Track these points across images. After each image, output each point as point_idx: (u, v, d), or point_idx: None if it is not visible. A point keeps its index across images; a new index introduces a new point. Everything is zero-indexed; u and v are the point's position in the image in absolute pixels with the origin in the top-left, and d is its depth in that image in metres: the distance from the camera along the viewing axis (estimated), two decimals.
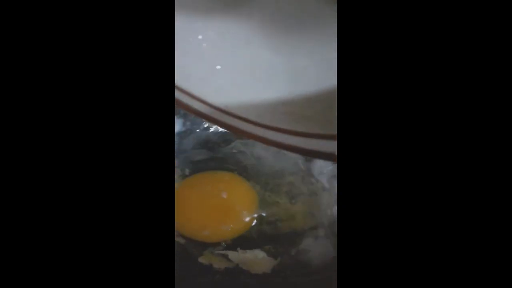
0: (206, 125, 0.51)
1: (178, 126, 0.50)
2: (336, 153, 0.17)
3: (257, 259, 0.40)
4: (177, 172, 0.47)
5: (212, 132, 0.51)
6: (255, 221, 0.44)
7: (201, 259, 0.41)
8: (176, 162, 0.48)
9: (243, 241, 0.43)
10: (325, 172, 0.47)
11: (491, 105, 0.15)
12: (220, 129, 0.50)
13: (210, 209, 0.44)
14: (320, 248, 0.42)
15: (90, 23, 0.17)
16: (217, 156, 0.49)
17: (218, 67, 0.24)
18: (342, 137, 0.16)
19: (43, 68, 0.17)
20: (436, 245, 0.16)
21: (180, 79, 0.21)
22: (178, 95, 0.21)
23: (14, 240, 0.16)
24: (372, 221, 0.16)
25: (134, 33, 0.17)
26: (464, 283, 0.15)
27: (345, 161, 0.16)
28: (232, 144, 0.50)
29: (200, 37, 0.24)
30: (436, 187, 0.16)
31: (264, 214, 0.44)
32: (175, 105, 0.21)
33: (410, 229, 0.16)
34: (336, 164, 0.45)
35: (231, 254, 0.41)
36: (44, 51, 0.17)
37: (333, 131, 0.19)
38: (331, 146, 0.18)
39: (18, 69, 0.16)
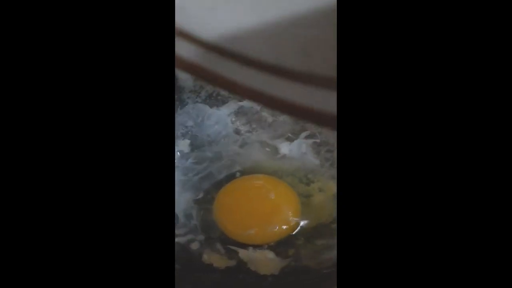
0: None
1: None
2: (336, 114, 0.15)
3: (266, 259, 0.41)
4: None
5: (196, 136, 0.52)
6: (303, 222, 0.45)
7: (203, 258, 0.42)
8: None
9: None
10: (319, 171, 0.48)
11: (491, 103, 0.15)
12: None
13: (257, 210, 0.45)
14: (309, 249, 0.43)
15: None
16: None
17: None
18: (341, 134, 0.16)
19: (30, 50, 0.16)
20: (437, 247, 0.15)
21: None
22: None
23: (14, 240, 0.16)
24: (372, 221, 0.16)
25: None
26: (464, 281, 0.15)
27: (345, 160, 0.16)
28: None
29: None
30: (436, 190, 0.15)
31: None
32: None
33: (410, 229, 0.16)
34: (332, 165, 0.47)
35: (242, 252, 0.42)
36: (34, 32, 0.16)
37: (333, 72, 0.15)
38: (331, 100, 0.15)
39: (9, 62, 0.16)
